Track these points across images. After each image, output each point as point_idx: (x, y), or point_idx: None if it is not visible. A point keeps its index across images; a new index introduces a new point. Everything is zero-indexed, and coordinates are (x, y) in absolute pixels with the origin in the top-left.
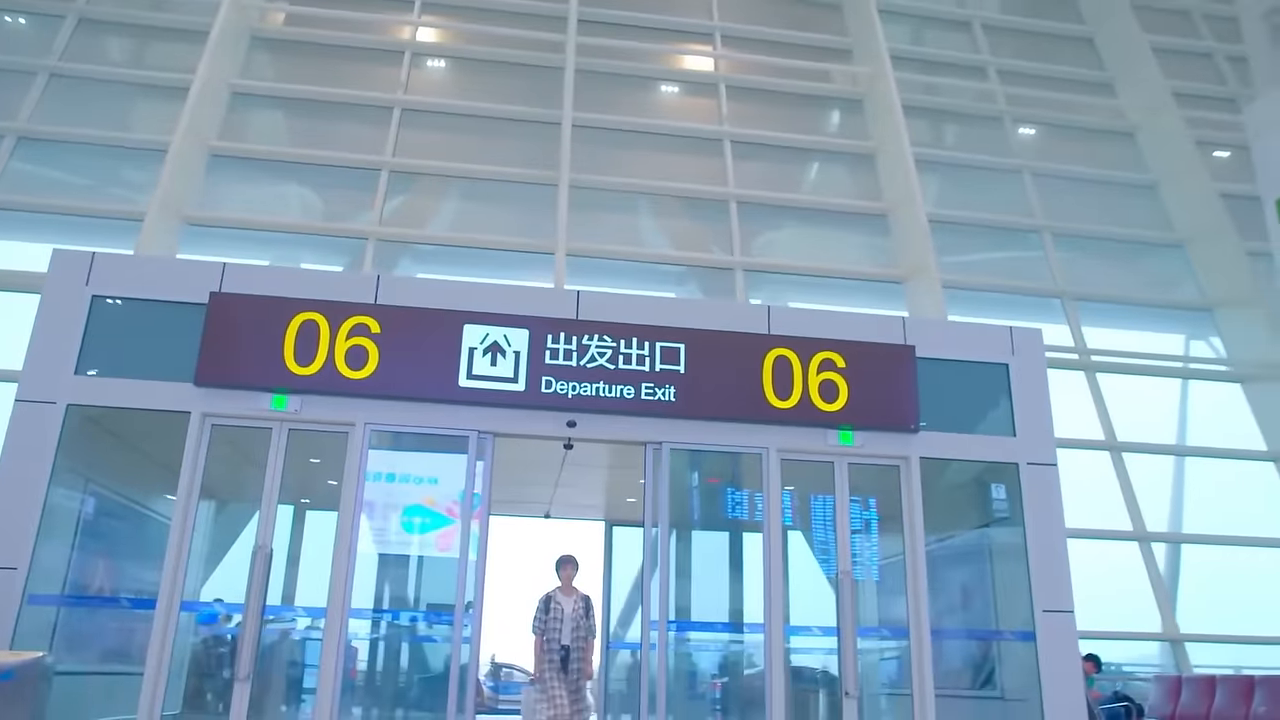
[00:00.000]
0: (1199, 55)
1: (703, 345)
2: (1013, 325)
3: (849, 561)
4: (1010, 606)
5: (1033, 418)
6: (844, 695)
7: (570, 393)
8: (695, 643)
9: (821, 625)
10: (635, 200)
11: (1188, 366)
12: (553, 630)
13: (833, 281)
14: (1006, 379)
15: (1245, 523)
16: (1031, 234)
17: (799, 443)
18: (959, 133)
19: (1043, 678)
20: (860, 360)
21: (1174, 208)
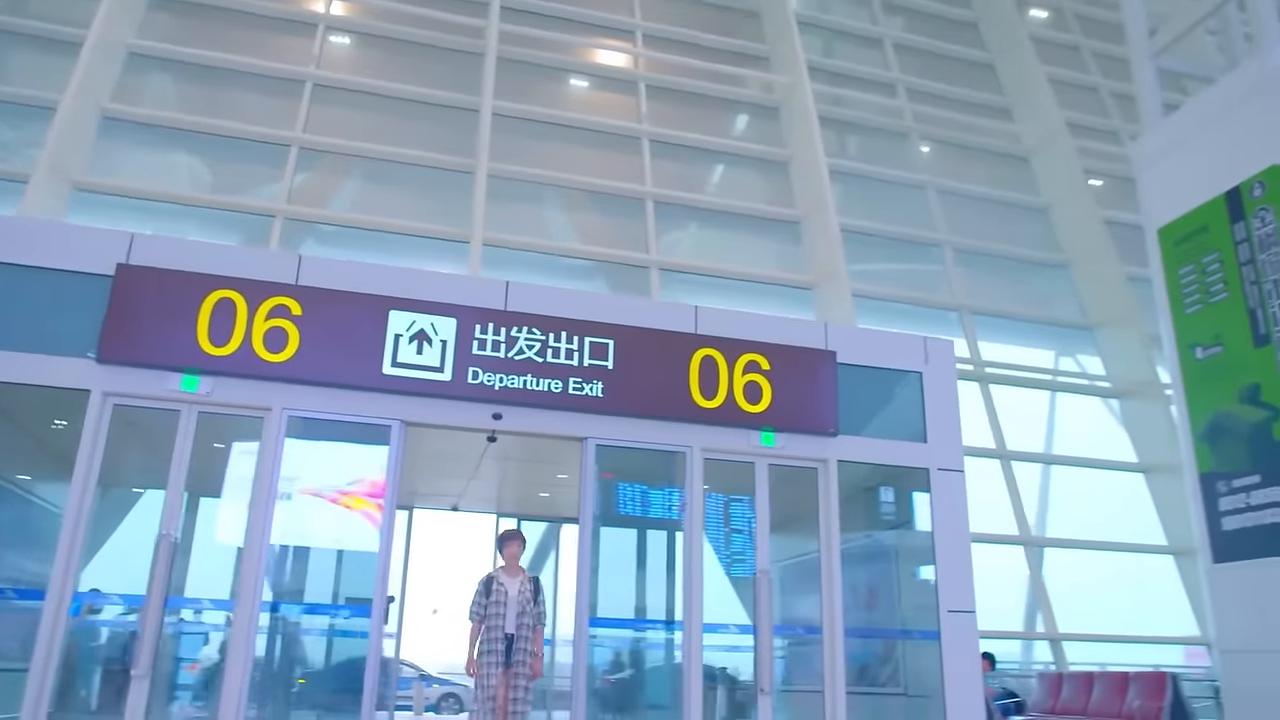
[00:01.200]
0: (1087, 89)
1: (632, 342)
2: (926, 336)
3: (767, 560)
4: (915, 607)
5: (943, 425)
6: (759, 692)
7: (497, 384)
8: (607, 639)
9: (725, 623)
10: (551, 193)
11: (1072, 381)
12: (495, 617)
13: (744, 285)
14: (920, 387)
15: (1117, 529)
16: (934, 248)
17: (722, 442)
18: (867, 145)
19: (946, 675)
20: (784, 363)
21: (1062, 230)
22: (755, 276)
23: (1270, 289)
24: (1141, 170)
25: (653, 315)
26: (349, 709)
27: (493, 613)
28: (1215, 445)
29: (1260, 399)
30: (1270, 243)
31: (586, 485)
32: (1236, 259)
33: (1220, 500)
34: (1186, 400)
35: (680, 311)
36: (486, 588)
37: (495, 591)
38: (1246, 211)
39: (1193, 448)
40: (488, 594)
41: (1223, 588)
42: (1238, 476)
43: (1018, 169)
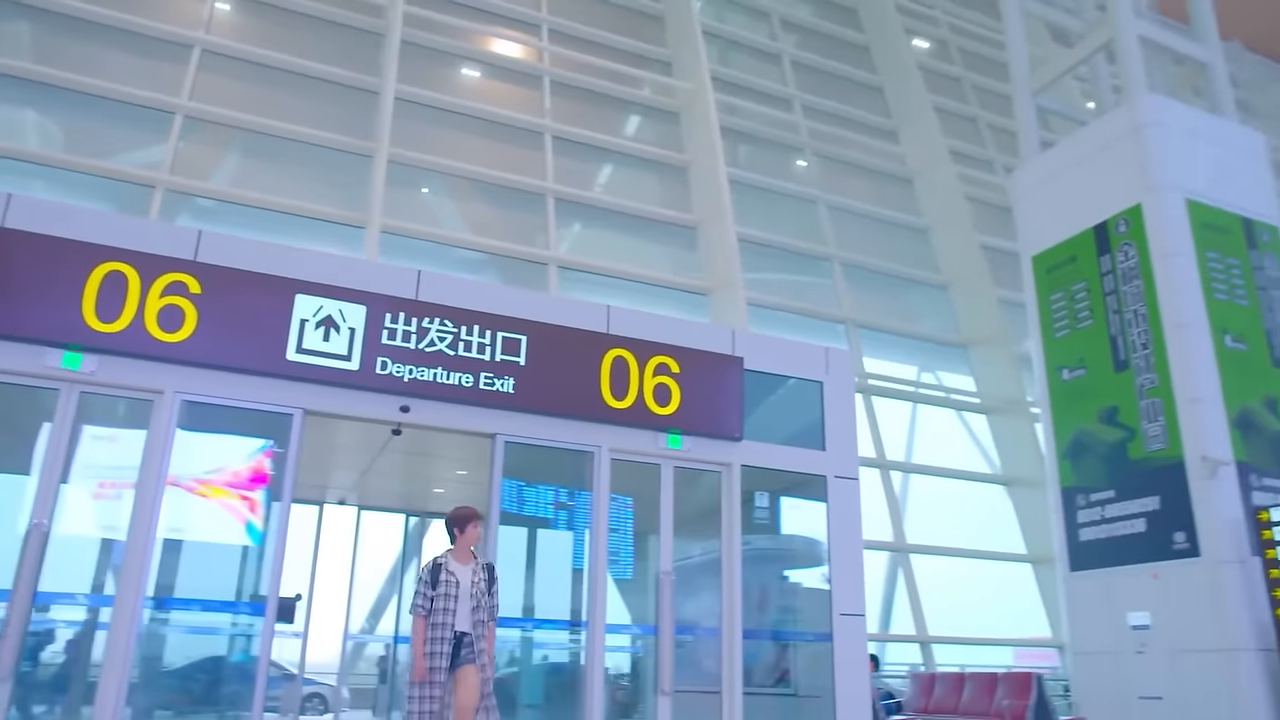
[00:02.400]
0: (967, 119)
1: (545, 339)
2: (827, 347)
3: (670, 562)
4: (809, 609)
5: (841, 433)
6: (660, 693)
7: (406, 376)
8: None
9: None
10: (450, 182)
11: (945, 396)
12: (442, 612)
13: (640, 286)
14: (820, 396)
15: (982, 538)
16: (823, 261)
17: (630, 443)
18: (762, 157)
19: (837, 676)
20: (693, 367)
21: (941, 252)
22: (653, 279)
23: (1131, 318)
24: (1019, 200)
25: (566, 313)
26: (216, 710)
27: (440, 607)
28: (1076, 461)
29: (1118, 420)
30: (1132, 275)
31: (495, 482)
32: (1102, 289)
33: (1079, 513)
34: (1052, 419)
35: (593, 310)
36: (433, 576)
37: (444, 582)
38: (1112, 245)
39: (1056, 463)
40: (434, 584)
41: (1078, 594)
42: (1095, 491)
43: (902, 190)
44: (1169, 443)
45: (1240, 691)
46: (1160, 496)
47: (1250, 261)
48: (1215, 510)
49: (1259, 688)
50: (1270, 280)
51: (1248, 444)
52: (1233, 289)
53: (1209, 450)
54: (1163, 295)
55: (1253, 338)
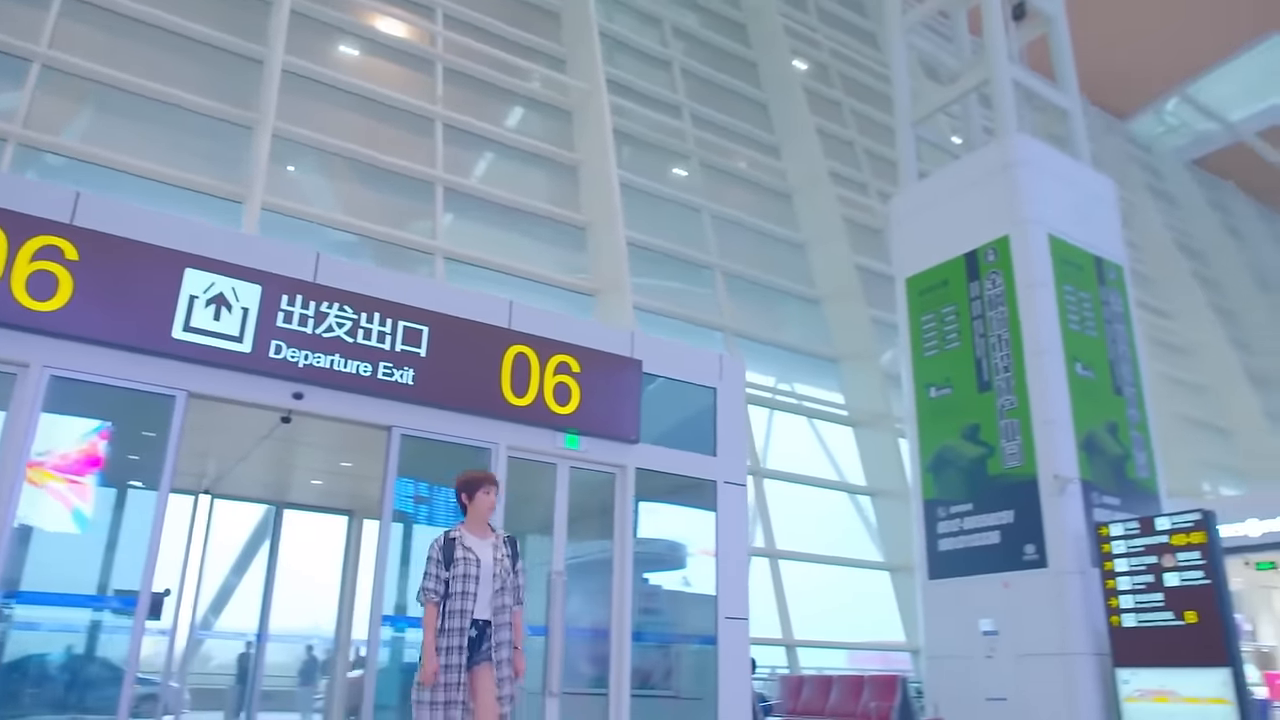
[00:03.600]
0: (844, 142)
1: (447, 331)
2: (722, 354)
3: (563, 563)
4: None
5: (731, 440)
6: (548, 695)
7: (302, 361)
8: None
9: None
10: (334, 162)
11: (816, 408)
12: (460, 596)
13: (526, 283)
14: (713, 402)
15: (850, 546)
16: (705, 270)
17: (528, 441)
18: (649, 161)
19: (720, 678)
20: (594, 367)
21: (818, 268)
22: (541, 277)
23: (995, 342)
24: (896, 224)
25: (468, 305)
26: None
27: (457, 590)
28: (939, 475)
29: (979, 437)
30: (998, 302)
31: (390, 476)
32: (970, 313)
33: (939, 524)
34: (918, 434)
35: (495, 305)
36: (447, 554)
37: (462, 560)
38: (981, 273)
39: (920, 476)
40: (448, 563)
41: (934, 601)
42: (955, 504)
43: (782, 205)
44: (1024, 460)
45: (1076, 692)
46: (1015, 511)
47: (1099, 296)
48: (1062, 524)
49: (1092, 689)
50: (1115, 315)
51: (1092, 464)
52: (1084, 321)
53: (1059, 469)
54: (1025, 323)
55: (1099, 367)
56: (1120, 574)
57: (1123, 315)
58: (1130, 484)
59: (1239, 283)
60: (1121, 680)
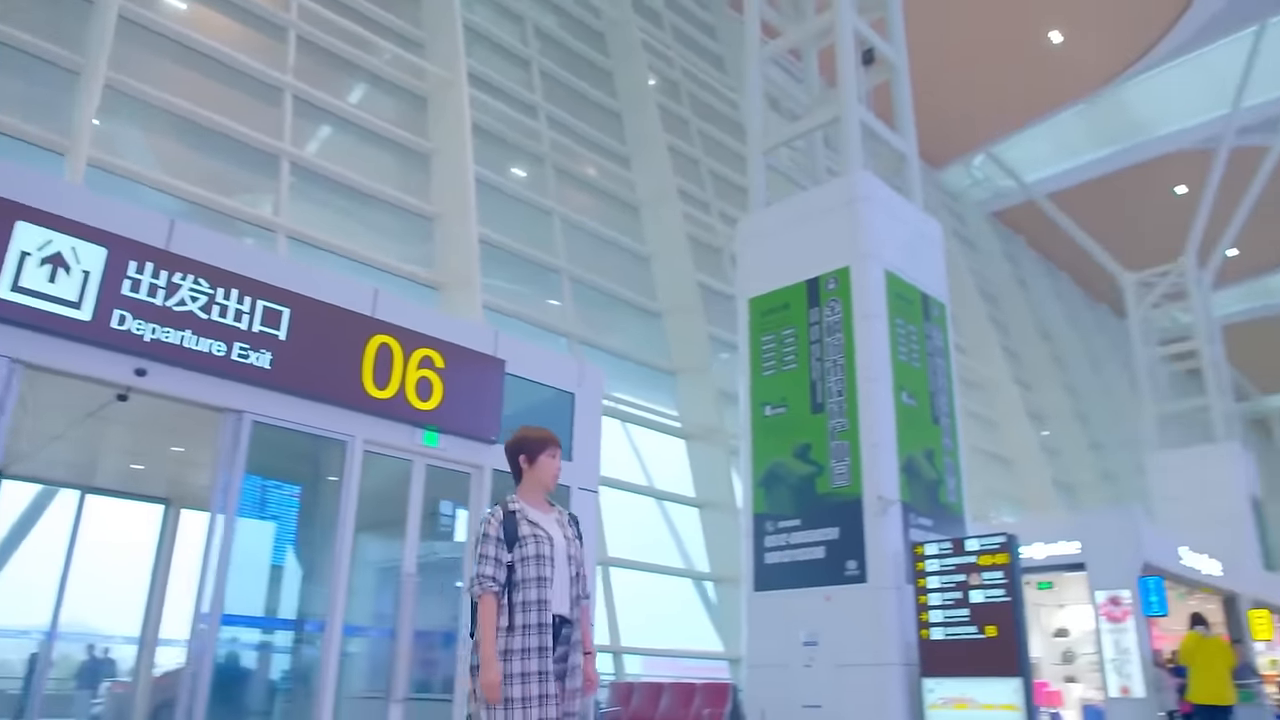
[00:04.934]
0: (690, 160)
1: (309, 314)
2: (582, 360)
3: (414, 564)
4: None
5: (587, 446)
6: (392, 700)
7: (148, 335)
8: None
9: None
10: (169, 122)
11: (653, 419)
12: (536, 584)
13: (368, 270)
14: (571, 407)
15: (674, 556)
16: (553, 274)
17: (386, 436)
18: (504, 159)
19: None
20: (457, 364)
21: (660, 281)
22: (386, 265)
23: (830, 367)
24: (743, 245)
25: (332, 290)
26: None
27: (529, 576)
28: (769, 491)
29: (810, 456)
30: (835, 329)
31: (237, 465)
32: (808, 337)
33: (767, 538)
34: (752, 450)
35: (359, 291)
36: (508, 531)
37: (531, 539)
38: (821, 299)
39: (751, 491)
40: (511, 542)
41: (758, 612)
42: (784, 519)
43: (630, 216)
44: (851, 481)
45: (886, 700)
46: (840, 528)
47: (924, 330)
48: (882, 543)
49: (900, 697)
50: (936, 349)
51: (910, 487)
52: (911, 353)
53: (883, 490)
54: (859, 350)
55: (921, 396)
56: (932, 590)
57: (943, 350)
58: (942, 507)
59: (1024, 328)
60: (927, 689)
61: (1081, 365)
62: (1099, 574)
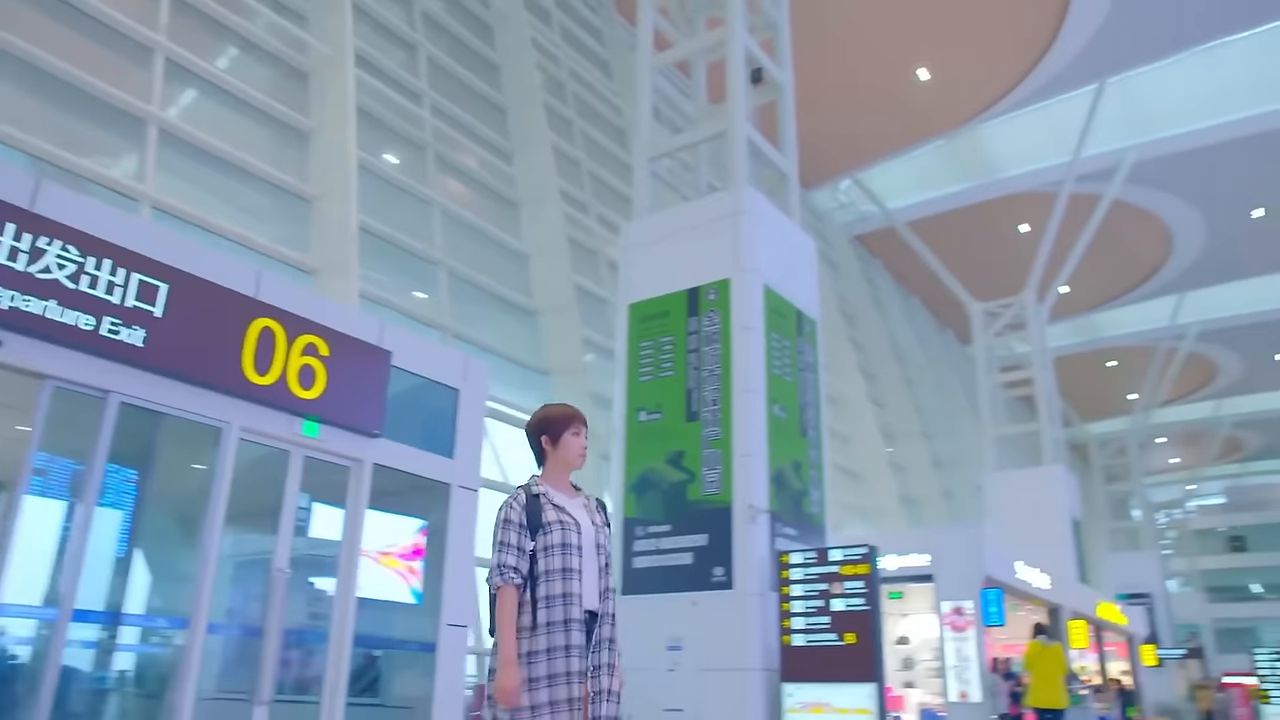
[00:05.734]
0: (572, 161)
1: (189, 292)
2: (467, 355)
3: (286, 560)
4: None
5: (469, 443)
6: (256, 703)
7: (6, 303)
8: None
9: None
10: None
11: (523, 418)
12: (563, 576)
13: (239, 250)
14: (455, 403)
15: None
16: (431, 265)
17: (263, 424)
18: (384, 144)
19: (437, 686)
20: (342, 352)
21: (537, 281)
22: (259, 246)
23: (707, 376)
24: (627, 250)
25: (213, 267)
26: None
27: (555, 567)
28: (641, 496)
29: (683, 464)
30: (713, 340)
31: (101, 449)
32: (687, 346)
33: (636, 542)
34: (625, 454)
35: (241, 271)
36: (531, 515)
37: (557, 526)
38: (701, 309)
39: (623, 496)
40: (534, 529)
41: (625, 616)
42: (654, 524)
43: (510, 212)
44: (722, 489)
45: (746, 705)
46: (709, 535)
47: (797, 346)
48: (750, 550)
49: (760, 701)
50: (807, 364)
51: (778, 497)
52: (784, 366)
53: (753, 499)
54: (736, 362)
55: (791, 410)
56: (795, 598)
57: (813, 365)
58: (806, 518)
59: (879, 349)
60: (786, 694)
61: (928, 387)
62: (946, 586)
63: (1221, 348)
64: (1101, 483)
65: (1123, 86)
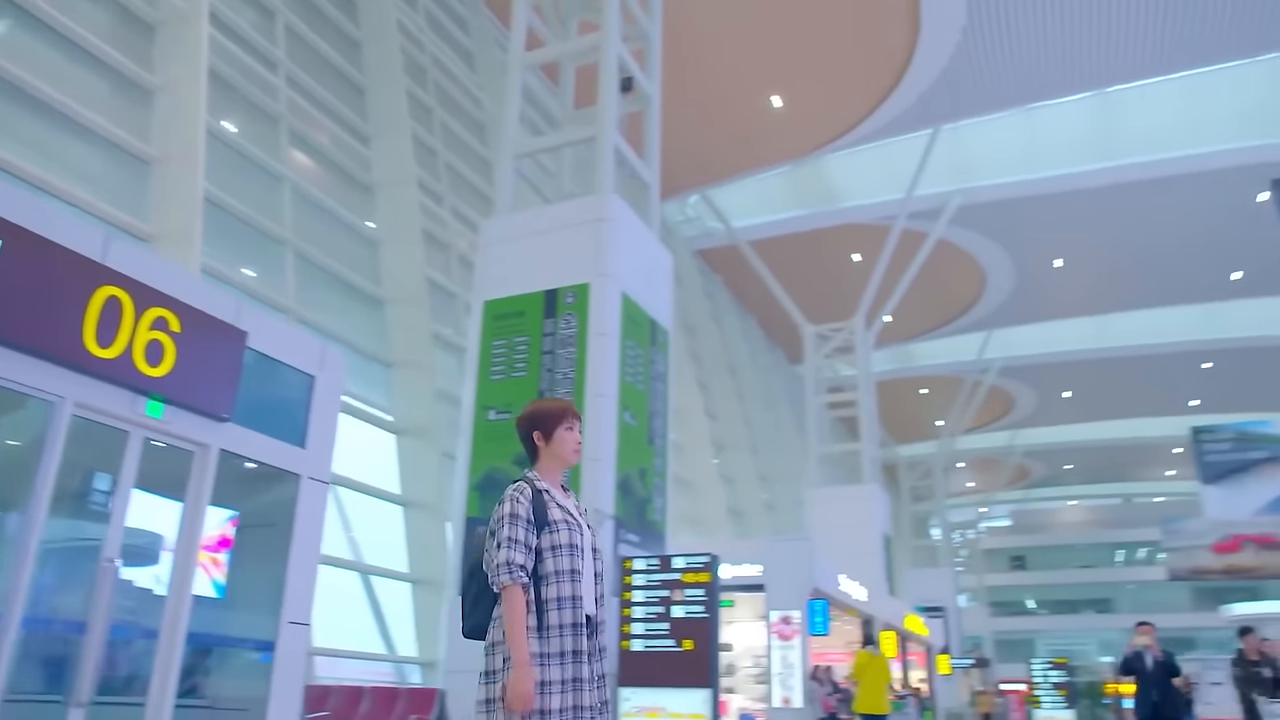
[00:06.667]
0: (429, 150)
1: (26, 250)
2: (324, 342)
3: (118, 549)
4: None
5: (322, 434)
6: (73, 705)
7: None
8: None
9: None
10: None
11: (366, 411)
12: (570, 577)
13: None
14: (310, 391)
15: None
16: (279, 245)
17: (102, 401)
18: (235, 111)
19: (274, 686)
20: (195, 329)
21: (387, 270)
22: (93, 208)
23: (560, 379)
24: (486, 247)
25: (56, 226)
26: None
27: (564, 568)
28: (485, 495)
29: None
30: (569, 343)
31: None
32: (542, 347)
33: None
34: (471, 452)
35: (86, 233)
36: (538, 510)
37: (563, 526)
38: (558, 312)
39: (466, 494)
40: (540, 525)
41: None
42: None
43: (363, 196)
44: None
45: None
46: None
47: (649, 355)
48: None
49: None
50: (658, 374)
51: (624, 503)
52: (636, 374)
53: (600, 504)
54: (591, 367)
55: (641, 417)
56: (637, 604)
57: (663, 375)
58: (649, 525)
59: (716, 362)
60: (623, 698)
61: (758, 402)
62: (776, 595)
63: (1019, 383)
64: (908, 502)
65: (954, 134)
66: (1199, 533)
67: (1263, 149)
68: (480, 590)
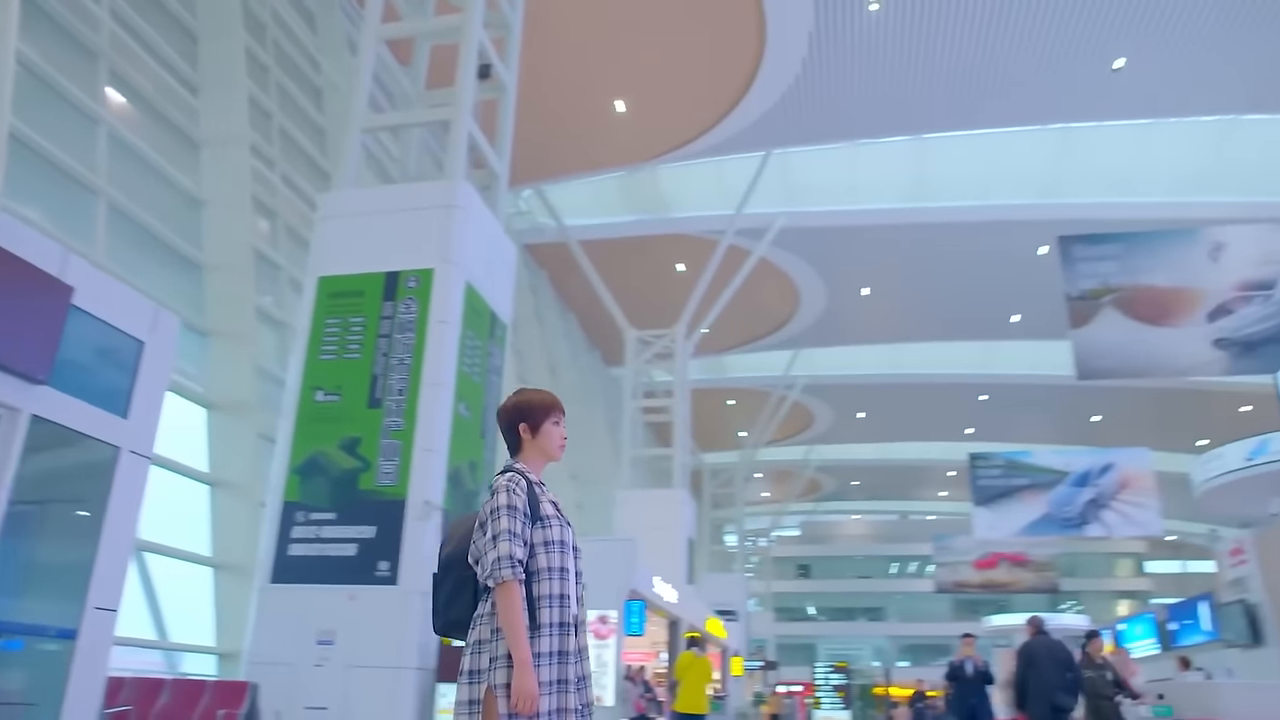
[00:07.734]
0: (264, 113)
1: None
2: (158, 303)
3: None
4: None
5: (148, 405)
6: None
7: None
8: None
9: None
10: None
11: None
12: (560, 575)
13: None
14: (137, 357)
15: (191, 539)
16: (91, 194)
17: None
18: (49, 41)
19: (72, 679)
20: (12, 280)
21: (211, 233)
22: None
23: (395, 364)
24: (325, 221)
25: None
26: None
27: (553, 564)
28: (306, 479)
29: (358, 451)
30: (407, 328)
31: None
32: (378, 330)
33: (295, 528)
34: (293, 433)
35: None
36: (533, 503)
37: (555, 521)
38: (399, 295)
39: (285, 477)
40: (533, 519)
41: (271, 605)
42: (318, 511)
43: (189, 152)
44: (398, 481)
45: (397, 703)
46: (378, 527)
47: (488, 347)
48: (419, 547)
49: (411, 701)
50: (495, 367)
51: (453, 496)
52: (474, 366)
53: (430, 496)
54: (429, 354)
55: (475, 410)
56: None
57: (499, 369)
58: None
59: (536, 360)
60: (440, 694)
61: (575, 403)
62: (595, 595)
63: (819, 401)
64: (709, 508)
65: (784, 159)
66: (964, 549)
67: (1045, 207)
68: (457, 584)
